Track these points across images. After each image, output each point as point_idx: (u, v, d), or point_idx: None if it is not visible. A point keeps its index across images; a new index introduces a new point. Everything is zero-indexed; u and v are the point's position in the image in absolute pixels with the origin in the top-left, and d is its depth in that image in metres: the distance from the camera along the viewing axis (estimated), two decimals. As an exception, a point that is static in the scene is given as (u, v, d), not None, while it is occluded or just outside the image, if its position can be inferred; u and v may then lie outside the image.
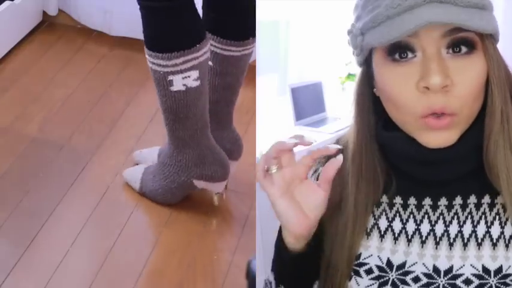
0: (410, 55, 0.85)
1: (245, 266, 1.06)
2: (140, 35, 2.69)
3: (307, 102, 3.35)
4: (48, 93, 2.40)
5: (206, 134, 1.85)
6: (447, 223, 0.92)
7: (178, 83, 1.72)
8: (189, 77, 1.71)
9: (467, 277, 0.89)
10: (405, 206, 0.94)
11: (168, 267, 1.80)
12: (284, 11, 3.40)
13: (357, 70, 0.95)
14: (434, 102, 0.83)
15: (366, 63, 0.92)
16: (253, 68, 2.67)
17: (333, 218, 0.97)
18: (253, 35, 1.90)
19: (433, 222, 0.92)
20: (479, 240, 0.90)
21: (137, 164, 2.08)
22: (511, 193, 0.87)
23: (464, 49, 0.84)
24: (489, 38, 0.86)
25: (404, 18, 0.82)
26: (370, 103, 0.93)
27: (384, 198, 0.95)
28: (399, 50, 0.85)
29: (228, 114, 1.99)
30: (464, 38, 0.84)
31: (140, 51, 2.63)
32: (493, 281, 0.88)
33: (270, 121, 3.13)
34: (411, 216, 0.93)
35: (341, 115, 3.47)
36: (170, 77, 1.71)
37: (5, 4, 2.52)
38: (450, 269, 0.90)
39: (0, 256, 1.76)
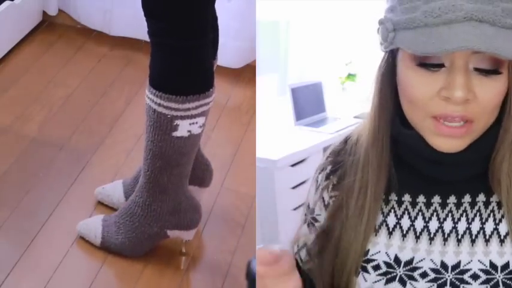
0: (438, 63, 0.86)
1: (245, 266, 1.06)
2: (140, 35, 2.70)
3: (307, 102, 3.35)
4: (48, 93, 2.40)
5: (186, 180, 1.72)
6: (456, 220, 0.93)
7: (183, 129, 1.57)
8: (196, 123, 1.58)
9: (474, 272, 0.91)
10: (414, 204, 0.96)
11: (168, 268, 1.80)
12: (284, 11, 3.40)
13: (380, 57, 0.96)
14: (453, 110, 0.85)
15: (392, 55, 0.93)
16: (253, 68, 2.67)
17: (338, 218, 0.98)
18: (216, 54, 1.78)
19: (441, 220, 0.94)
20: (487, 237, 0.92)
21: (100, 202, 1.94)
22: (511, 203, 0.90)
23: (491, 67, 0.85)
24: None
25: (441, 33, 0.82)
26: (392, 96, 0.94)
27: (393, 196, 0.97)
28: (428, 59, 0.86)
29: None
30: (493, 58, 0.85)
31: (140, 51, 2.65)
32: (499, 276, 0.89)
33: (270, 121, 3.13)
34: (420, 213, 0.95)
35: (341, 115, 3.47)
36: (177, 122, 1.56)
37: (5, 4, 2.52)
38: (458, 265, 0.92)
39: (0, 256, 1.76)
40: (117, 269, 1.77)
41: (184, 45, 1.52)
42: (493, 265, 0.90)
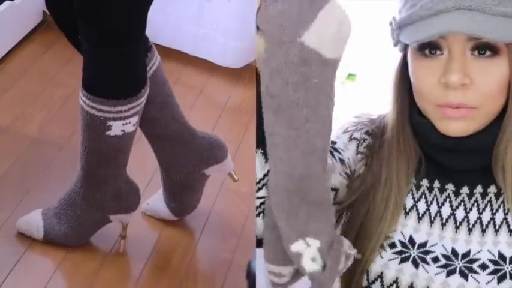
0: (438, 52, 0.92)
1: (245, 266, 1.06)
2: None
3: (307, 102, 3.35)
4: (48, 93, 2.40)
5: (125, 168, 1.75)
6: (467, 210, 0.97)
7: (116, 129, 1.62)
8: (129, 122, 1.63)
9: (483, 262, 0.94)
10: (431, 189, 1.00)
11: (168, 267, 1.80)
12: (284, 11, 3.40)
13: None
14: (454, 96, 0.90)
15: (405, 53, 1.00)
16: (253, 68, 2.67)
17: (365, 197, 1.02)
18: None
19: (454, 207, 0.98)
20: (497, 227, 0.95)
21: None
22: None
23: (488, 52, 0.90)
24: None
25: (433, 22, 0.89)
26: (406, 89, 1.00)
27: (412, 179, 1.01)
28: (428, 47, 0.93)
29: (185, 123, 1.84)
30: (488, 44, 0.89)
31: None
32: (507, 268, 0.93)
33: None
34: (435, 198, 0.99)
35: (341, 115, 3.47)
36: (110, 123, 1.60)
37: (5, 4, 2.52)
38: (468, 253, 0.95)
39: (0, 256, 1.76)
40: (117, 269, 1.77)
41: (115, 51, 1.56)
42: (501, 256, 0.93)
